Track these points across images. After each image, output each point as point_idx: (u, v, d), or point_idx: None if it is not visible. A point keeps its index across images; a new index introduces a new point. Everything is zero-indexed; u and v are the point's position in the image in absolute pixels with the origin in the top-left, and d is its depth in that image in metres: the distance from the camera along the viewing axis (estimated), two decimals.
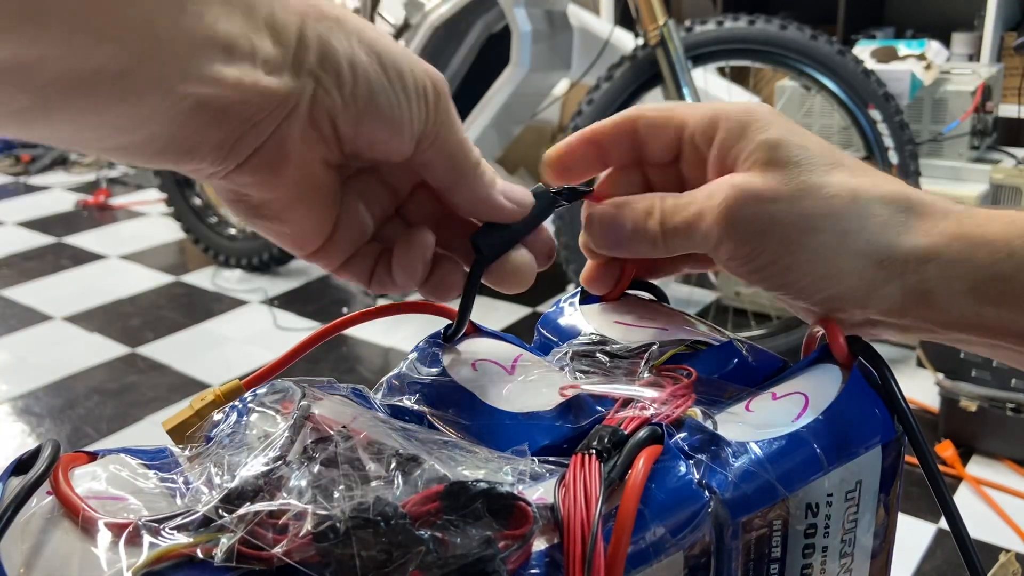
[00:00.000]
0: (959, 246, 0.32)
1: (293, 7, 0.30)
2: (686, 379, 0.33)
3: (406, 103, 0.32)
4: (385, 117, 0.32)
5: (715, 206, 0.34)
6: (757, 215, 0.33)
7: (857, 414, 0.31)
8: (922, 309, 0.33)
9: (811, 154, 0.34)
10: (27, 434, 1.79)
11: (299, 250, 0.35)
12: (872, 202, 0.33)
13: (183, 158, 0.30)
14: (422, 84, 0.32)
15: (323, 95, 0.30)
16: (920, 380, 1.69)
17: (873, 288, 0.33)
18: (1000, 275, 0.31)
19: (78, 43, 0.24)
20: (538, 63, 1.93)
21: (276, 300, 2.38)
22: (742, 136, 0.35)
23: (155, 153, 0.30)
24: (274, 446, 0.27)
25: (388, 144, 0.33)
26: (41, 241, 2.97)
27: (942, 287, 0.32)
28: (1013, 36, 2.50)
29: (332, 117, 0.31)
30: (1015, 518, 1.38)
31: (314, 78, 0.30)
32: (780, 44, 1.71)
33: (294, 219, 0.34)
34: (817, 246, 0.33)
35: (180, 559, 0.23)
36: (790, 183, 0.33)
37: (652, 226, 0.36)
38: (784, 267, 0.33)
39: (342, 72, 0.30)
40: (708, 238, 0.34)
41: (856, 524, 0.31)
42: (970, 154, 1.96)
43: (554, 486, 0.26)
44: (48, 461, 0.26)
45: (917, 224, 0.33)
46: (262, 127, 0.30)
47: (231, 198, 0.34)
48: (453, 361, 0.35)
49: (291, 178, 0.32)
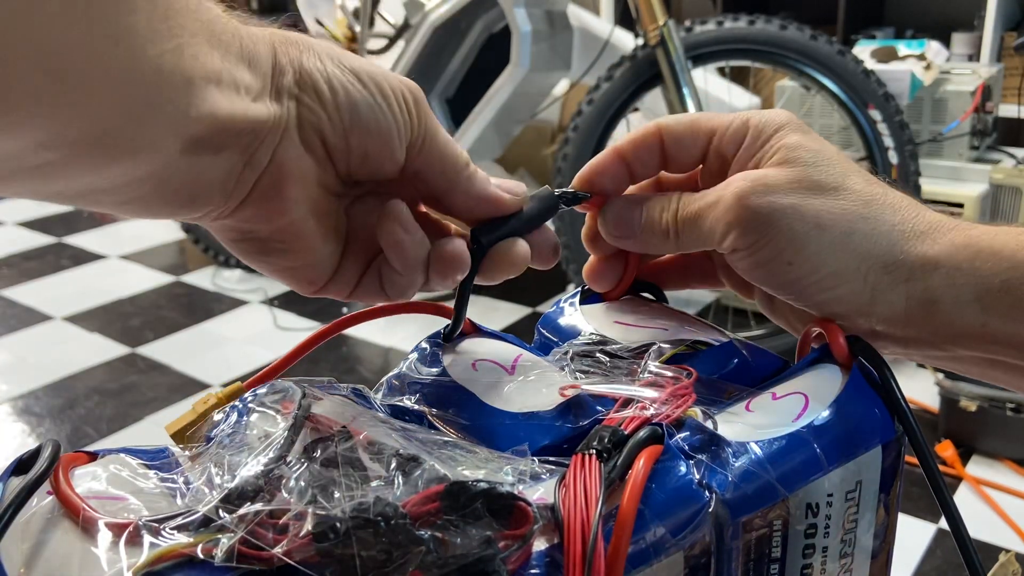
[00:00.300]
0: (966, 255, 0.32)
1: (260, 37, 0.31)
2: (686, 379, 0.33)
3: (388, 111, 0.32)
4: (371, 127, 0.32)
5: (728, 194, 0.34)
6: (767, 204, 0.33)
7: (857, 414, 0.31)
8: (926, 318, 0.33)
9: (828, 160, 0.34)
10: (27, 434, 1.79)
11: (309, 285, 0.35)
12: (883, 208, 0.34)
13: (193, 203, 0.31)
14: (400, 92, 0.33)
15: (308, 114, 0.31)
16: (920, 380, 1.69)
17: (877, 292, 0.33)
18: (1007, 285, 0.31)
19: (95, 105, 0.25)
20: (538, 63, 1.93)
21: (276, 300, 2.38)
22: (767, 140, 0.35)
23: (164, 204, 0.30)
24: (274, 446, 0.27)
25: (379, 155, 0.33)
26: (41, 241, 2.97)
27: (948, 296, 0.32)
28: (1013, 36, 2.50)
29: (321, 135, 0.32)
30: (1015, 518, 1.38)
31: (295, 99, 0.31)
32: (780, 44, 1.71)
33: (301, 249, 0.34)
34: (823, 243, 0.33)
35: (180, 559, 0.23)
36: (804, 179, 0.34)
37: (666, 218, 0.36)
38: (787, 262, 0.33)
39: (321, 90, 0.31)
40: (716, 228, 0.34)
41: (856, 524, 0.31)
42: (970, 154, 1.96)
43: (554, 486, 0.26)
44: (48, 461, 0.26)
45: (925, 233, 0.33)
46: (259, 157, 0.31)
47: (236, 238, 0.34)
48: (453, 361, 0.35)
49: (293, 203, 0.32)
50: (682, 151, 0.37)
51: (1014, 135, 2.44)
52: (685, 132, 0.37)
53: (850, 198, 0.33)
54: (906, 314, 0.33)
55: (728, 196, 0.34)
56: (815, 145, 0.35)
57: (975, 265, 0.32)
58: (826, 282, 0.33)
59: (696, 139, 0.37)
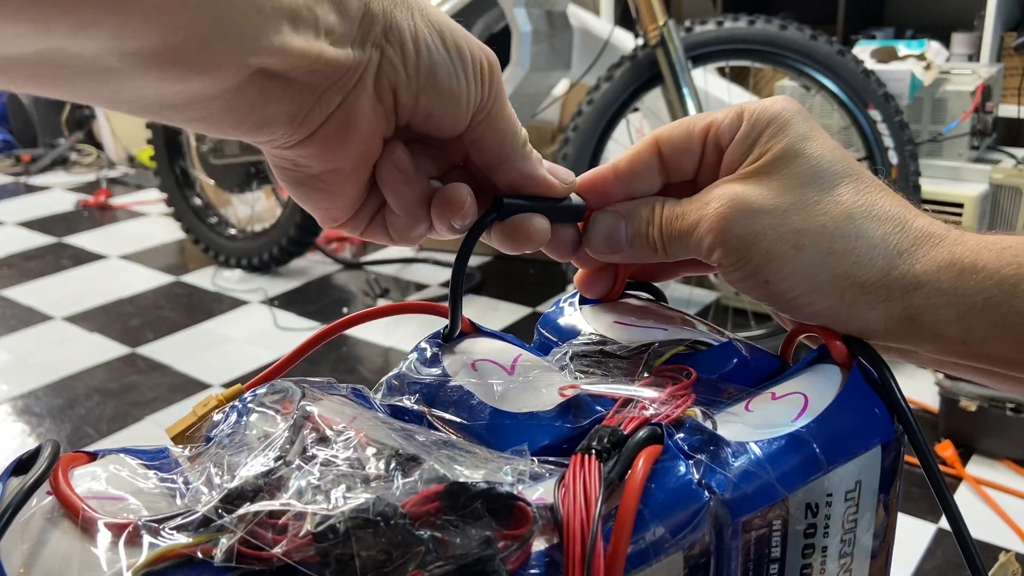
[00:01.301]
0: (950, 274, 0.32)
1: None
2: (686, 379, 0.33)
3: (464, 78, 0.32)
4: (444, 90, 0.32)
5: (709, 215, 0.34)
6: (747, 227, 0.33)
7: (857, 414, 0.31)
8: (907, 334, 0.33)
9: (817, 167, 0.34)
10: (27, 434, 1.79)
11: (332, 221, 0.36)
12: (866, 223, 0.33)
13: (259, 130, 0.31)
14: (479, 60, 0.33)
15: (388, 67, 0.31)
16: (920, 380, 1.69)
17: (855, 311, 0.33)
18: (989, 303, 0.31)
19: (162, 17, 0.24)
20: (538, 63, 1.94)
21: (276, 300, 2.38)
22: (760, 135, 0.35)
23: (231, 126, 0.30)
24: (274, 446, 0.27)
25: (443, 118, 0.33)
26: (41, 241, 2.97)
27: (929, 315, 0.32)
28: (1013, 36, 2.50)
29: (394, 89, 0.32)
30: (1015, 518, 1.38)
31: (380, 50, 0.31)
32: (780, 44, 1.71)
33: (343, 191, 0.34)
34: (801, 263, 0.33)
35: (180, 559, 0.23)
36: (785, 195, 0.33)
37: (653, 233, 0.36)
38: (765, 280, 0.34)
39: (406, 45, 0.31)
40: (701, 245, 0.35)
41: (856, 524, 0.31)
42: (970, 154, 1.96)
43: (554, 486, 0.26)
44: (48, 461, 0.26)
45: (910, 249, 0.33)
46: (330, 98, 0.31)
47: (287, 166, 0.34)
48: (453, 361, 0.35)
49: (355, 150, 0.33)
50: (683, 157, 0.37)
51: (1014, 135, 2.44)
52: (682, 136, 0.37)
53: (833, 212, 0.33)
54: (885, 330, 0.33)
55: (710, 217, 0.34)
56: (810, 148, 0.34)
57: (957, 284, 0.32)
58: (803, 299, 0.33)
59: (693, 141, 0.37)
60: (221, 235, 2.62)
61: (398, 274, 2.54)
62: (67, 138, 4.00)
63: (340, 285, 2.51)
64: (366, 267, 2.60)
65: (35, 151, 3.95)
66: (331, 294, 2.45)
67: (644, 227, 0.36)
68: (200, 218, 2.64)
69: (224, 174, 2.53)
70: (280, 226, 2.47)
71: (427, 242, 1.60)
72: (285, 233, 2.44)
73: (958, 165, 1.95)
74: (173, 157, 2.62)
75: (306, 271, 2.57)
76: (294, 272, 2.57)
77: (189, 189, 2.64)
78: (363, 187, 0.35)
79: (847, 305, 0.33)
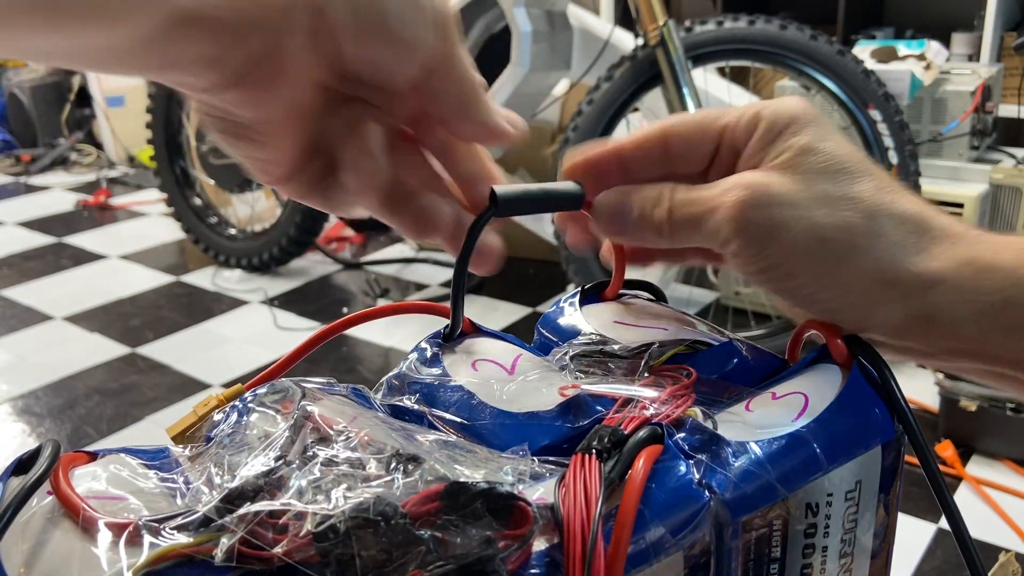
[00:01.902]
0: (968, 272, 0.32)
1: None
2: (686, 379, 0.33)
3: (414, 24, 0.31)
4: (394, 37, 0.30)
5: (728, 202, 0.33)
6: (768, 217, 0.32)
7: (857, 414, 0.31)
8: (924, 332, 0.33)
9: (839, 163, 0.33)
10: (27, 434, 1.79)
11: (266, 176, 0.34)
12: (887, 221, 0.33)
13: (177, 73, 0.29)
14: (430, 7, 0.31)
15: (329, 8, 0.29)
16: (920, 380, 1.69)
17: (875, 306, 0.33)
18: (1008, 302, 0.31)
19: None
20: (538, 63, 1.93)
21: (276, 300, 2.38)
22: (778, 135, 0.34)
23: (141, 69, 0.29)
24: (274, 446, 0.27)
25: (392, 67, 0.31)
26: (41, 241, 2.97)
27: (947, 312, 0.32)
28: (1013, 36, 2.50)
29: (336, 33, 0.30)
30: (1015, 518, 1.38)
31: None
32: (780, 44, 1.71)
33: (274, 144, 0.32)
34: (824, 257, 0.32)
35: (180, 559, 0.23)
36: (808, 189, 0.33)
37: (659, 214, 0.35)
38: (787, 273, 0.33)
39: None
40: (717, 234, 0.34)
41: (856, 524, 0.31)
42: (970, 154, 1.96)
43: (554, 486, 0.26)
44: (48, 461, 0.26)
45: (929, 247, 0.33)
46: (258, 40, 0.29)
47: (215, 114, 0.32)
48: (453, 361, 0.35)
49: (283, 98, 0.31)
50: (692, 152, 0.36)
51: (1014, 135, 2.44)
52: (694, 131, 0.36)
53: (855, 209, 0.33)
54: (903, 328, 0.33)
55: (728, 204, 0.33)
56: (828, 147, 0.34)
57: (976, 282, 0.31)
58: (824, 293, 0.33)
59: (706, 138, 0.36)
60: (221, 235, 2.62)
61: (398, 274, 2.54)
62: (67, 138, 4.00)
63: (340, 285, 2.51)
64: (366, 267, 2.60)
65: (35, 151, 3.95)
66: (331, 294, 2.45)
67: (650, 208, 0.35)
68: (200, 218, 2.64)
69: (224, 174, 2.53)
70: (280, 226, 2.47)
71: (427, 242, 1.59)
72: (285, 233, 2.45)
73: (958, 165, 1.95)
74: (173, 157, 2.62)
75: (306, 271, 2.57)
76: (294, 272, 2.57)
77: (189, 189, 2.64)
78: (301, 142, 0.33)
79: (868, 301, 0.33)
